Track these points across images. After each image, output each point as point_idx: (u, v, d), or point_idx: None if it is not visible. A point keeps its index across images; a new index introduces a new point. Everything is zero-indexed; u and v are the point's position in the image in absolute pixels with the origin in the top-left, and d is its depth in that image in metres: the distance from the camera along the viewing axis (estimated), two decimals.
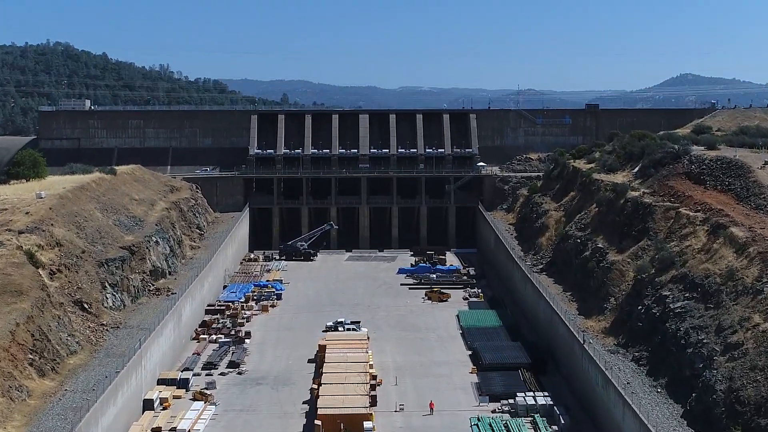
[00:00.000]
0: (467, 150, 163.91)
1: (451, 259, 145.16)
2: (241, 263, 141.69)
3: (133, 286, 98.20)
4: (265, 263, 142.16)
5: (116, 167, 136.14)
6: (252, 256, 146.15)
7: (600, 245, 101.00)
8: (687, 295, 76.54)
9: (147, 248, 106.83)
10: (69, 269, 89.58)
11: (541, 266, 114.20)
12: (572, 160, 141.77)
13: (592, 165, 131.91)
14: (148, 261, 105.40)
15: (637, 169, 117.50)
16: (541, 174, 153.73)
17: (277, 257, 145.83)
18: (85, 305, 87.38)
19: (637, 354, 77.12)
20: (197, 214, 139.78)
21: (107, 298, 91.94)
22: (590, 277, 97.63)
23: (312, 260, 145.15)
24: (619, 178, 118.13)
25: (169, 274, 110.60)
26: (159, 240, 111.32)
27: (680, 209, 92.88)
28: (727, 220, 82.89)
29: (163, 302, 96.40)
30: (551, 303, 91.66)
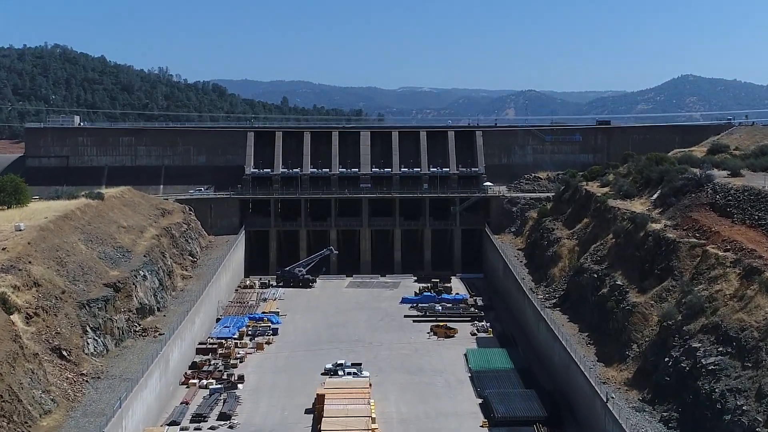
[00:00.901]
0: (473, 169, 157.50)
1: (457, 286, 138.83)
2: (236, 291, 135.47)
3: (118, 328, 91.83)
4: (261, 291, 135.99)
5: (104, 191, 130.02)
6: (248, 282, 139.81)
7: (619, 282, 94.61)
8: (720, 349, 70.11)
9: (134, 284, 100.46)
10: (47, 312, 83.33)
11: (554, 300, 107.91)
12: (584, 183, 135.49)
13: (607, 189, 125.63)
14: (135, 298, 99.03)
15: (655, 196, 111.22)
16: (550, 195, 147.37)
17: (274, 284, 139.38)
18: (64, 352, 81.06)
19: (665, 414, 70.72)
20: (190, 240, 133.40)
21: (88, 343, 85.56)
22: (609, 318, 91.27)
23: (311, 287, 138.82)
24: (637, 206, 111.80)
25: (158, 310, 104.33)
26: (147, 274, 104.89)
27: (707, 247, 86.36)
28: (761, 263, 76.51)
29: (150, 345, 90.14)
30: (568, 349, 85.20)
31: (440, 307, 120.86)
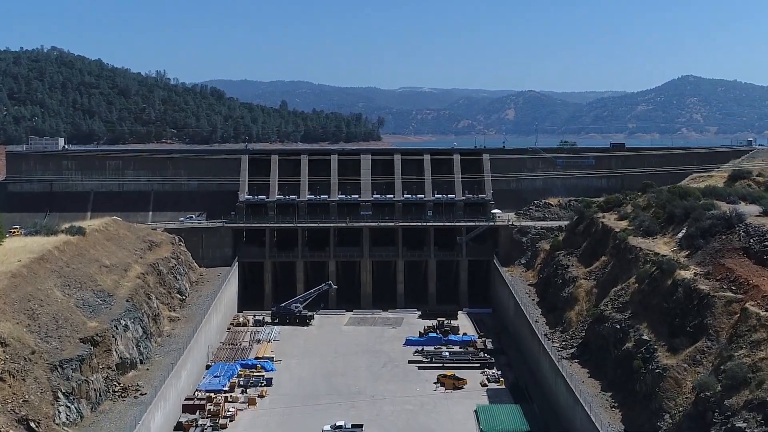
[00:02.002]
0: (480, 195, 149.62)
1: (464, 323, 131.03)
2: (229, 329, 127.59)
3: (94, 390, 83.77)
4: (255, 329, 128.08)
5: (87, 223, 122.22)
6: (241, 319, 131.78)
7: (645, 337, 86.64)
8: None
9: (114, 336, 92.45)
10: (14, 377, 75.26)
11: (571, 350, 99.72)
12: (600, 214, 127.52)
13: (626, 224, 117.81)
14: (115, 352, 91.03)
15: (681, 235, 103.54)
16: (563, 224, 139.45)
17: (269, 320, 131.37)
18: (32, 424, 72.96)
19: None
20: (179, 276, 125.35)
21: (60, 411, 77.47)
22: (636, 379, 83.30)
23: (308, 324, 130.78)
24: (661, 245, 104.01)
25: (141, 362, 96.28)
26: (129, 323, 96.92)
27: (747, 305, 78.25)
28: None
29: (130, 409, 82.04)
30: (593, 418, 76.97)
31: (447, 353, 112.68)
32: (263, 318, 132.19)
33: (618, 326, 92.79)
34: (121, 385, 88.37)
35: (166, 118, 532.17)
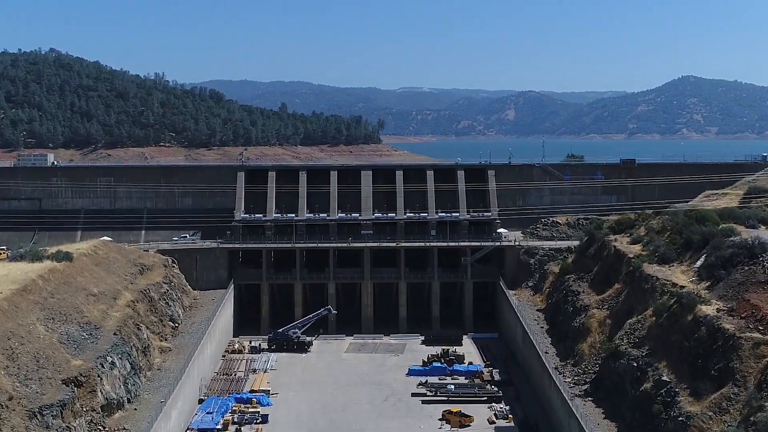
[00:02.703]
0: (485, 214, 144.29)
1: (469, 350, 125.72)
2: (223, 357, 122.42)
3: None
4: (251, 356, 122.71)
5: (75, 246, 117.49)
6: (236, 345, 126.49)
7: (665, 378, 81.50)
8: None
9: (99, 375, 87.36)
10: None
11: (584, 386, 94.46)
12: (612, 237, 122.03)
13: (639, 249, 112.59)
14: (100, 393, 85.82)
15: (699, 263, 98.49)
16: (572, 245, 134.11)
17: (266, 346, 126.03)
18: None
19: None
20: (171, 302, 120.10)
21: None
22: (656, 424, 78.07)
23: (307, 351, 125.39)
24: (678, 274, 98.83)
25: (129, 401, 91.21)
26: (116, 359, 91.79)
27: None
28: None
29: None
30: None
31: (453, 386, 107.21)
32: (259, 344, 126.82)
33: (635, 363, 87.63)
34: (107, 428, 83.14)
35: (165, 121, 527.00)
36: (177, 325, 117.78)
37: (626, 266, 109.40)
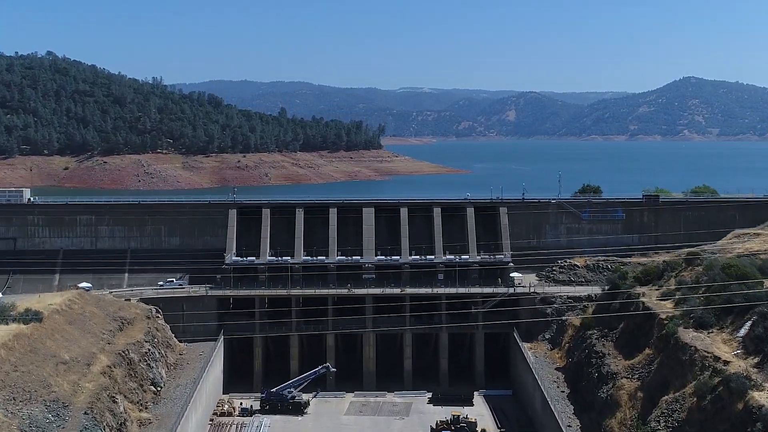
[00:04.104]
0: (498, 256, 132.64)
1: (481, 412, 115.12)
2: (211, 421, 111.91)
3: None
4: (241, 420, 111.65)
5: (46, 305, 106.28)
6: (226, 407, 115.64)
7: None
8: None
9: None
10: None
11: None
12: (638, 289, 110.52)
13: (671, 306, 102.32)
14: None
15: (743, 332, 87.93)
16: (593, 293, 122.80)
17: (258, 407, 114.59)
18: None
19: None
20: (154, 362, 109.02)
21: None
22: None
23: (303, 413, 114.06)
24: (720, 345, 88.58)
25: None
26: None
27: None
28: None
29: None
30: None
31: None
32: (251, 406, 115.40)
33: None
34: None
35: (162, 127, 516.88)
36: (159, 389, 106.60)
37: (658, 328, 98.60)
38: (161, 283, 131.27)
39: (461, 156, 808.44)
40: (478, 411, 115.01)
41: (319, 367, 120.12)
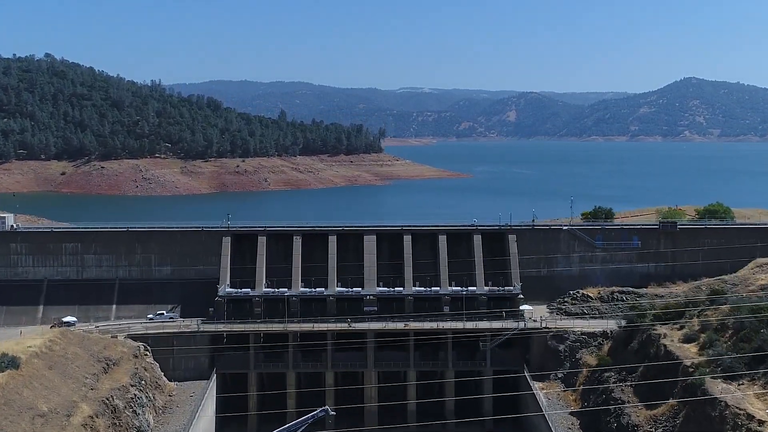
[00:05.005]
0: (506, 288, 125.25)
1: None
2: None
3: None
4: None
5: (26, 347, 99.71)
6: None
7: None
8: None
9: None
10: None
11: None
12: (659, 329, 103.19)
13: (695, 350, 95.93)
14: None
15: None
16: (608, 330, 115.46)
17: None
18: None
19: None
20: (140, 408, 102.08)
21: None
22: None
23: None
24: (753, 400, 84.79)
25: None
26: None
27: None
28: None
29: None
30: None
31: None
32: None
33: None
34: None
35: (161, 131, 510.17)
36: None
37: (682, 377, 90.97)
38: (151, 315, 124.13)
39: (462, 158, 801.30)
40: None
41: (318, 410, 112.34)
